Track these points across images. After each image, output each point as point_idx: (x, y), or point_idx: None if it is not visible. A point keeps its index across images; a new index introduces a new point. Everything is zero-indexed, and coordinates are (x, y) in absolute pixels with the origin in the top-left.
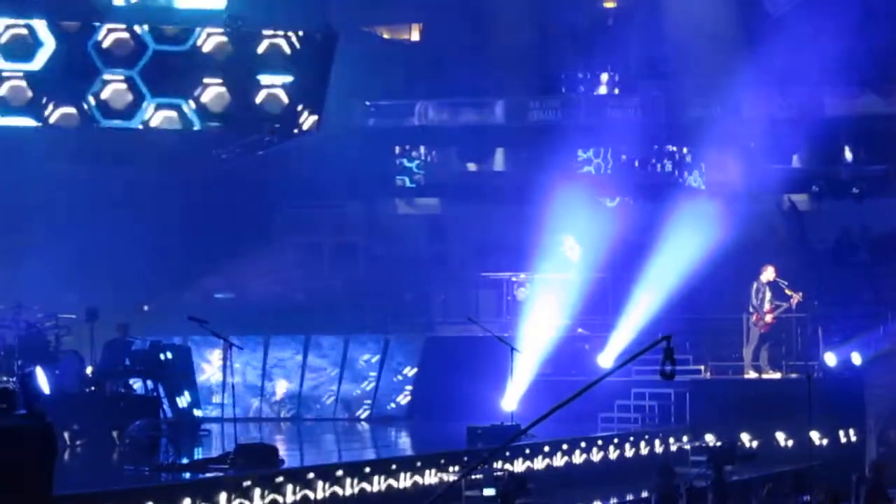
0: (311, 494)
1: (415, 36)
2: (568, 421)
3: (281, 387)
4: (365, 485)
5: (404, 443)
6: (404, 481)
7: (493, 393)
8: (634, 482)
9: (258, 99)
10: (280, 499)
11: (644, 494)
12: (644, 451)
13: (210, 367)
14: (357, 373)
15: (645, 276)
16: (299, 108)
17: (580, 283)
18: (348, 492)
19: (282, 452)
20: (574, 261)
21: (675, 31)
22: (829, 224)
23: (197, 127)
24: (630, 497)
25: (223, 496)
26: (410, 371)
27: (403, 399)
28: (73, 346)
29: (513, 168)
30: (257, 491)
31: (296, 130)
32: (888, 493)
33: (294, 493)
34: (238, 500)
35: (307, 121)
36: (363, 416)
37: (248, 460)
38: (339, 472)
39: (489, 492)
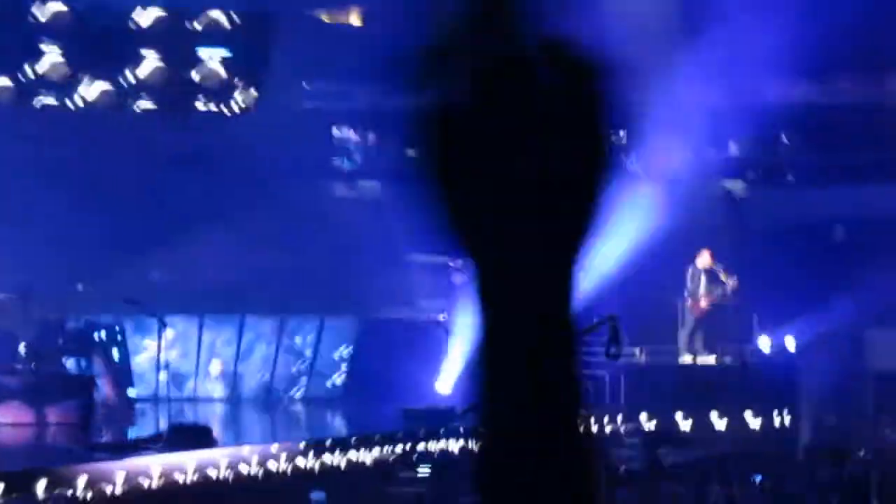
0: (244, 469)
1: (356, 20)
2: None
3: (215, 367)
4: (299, 460)
5: (339, 423)
6: (338, 460)
7: (429, 375)
8: None
9: (195, 74)
10: (213, 473)
11: None
12: None
13: (145, 347)
14: (292, 354)
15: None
16: (236, 81)
17: None
18: (282, 467)
19: (216, 432)
20: None
21: (613, 16)
22: (764, 211)
23: (133, 102)
24: None
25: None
26: (346, 352)
27: (339, 380)
28: (6, 326)
29: None
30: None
31: (234, 107)
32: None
33: (227, 468)
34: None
35: (245, 96)
36: (298, 397)
37: (182, 440)
38: (273, 450)
39: (424, 471)
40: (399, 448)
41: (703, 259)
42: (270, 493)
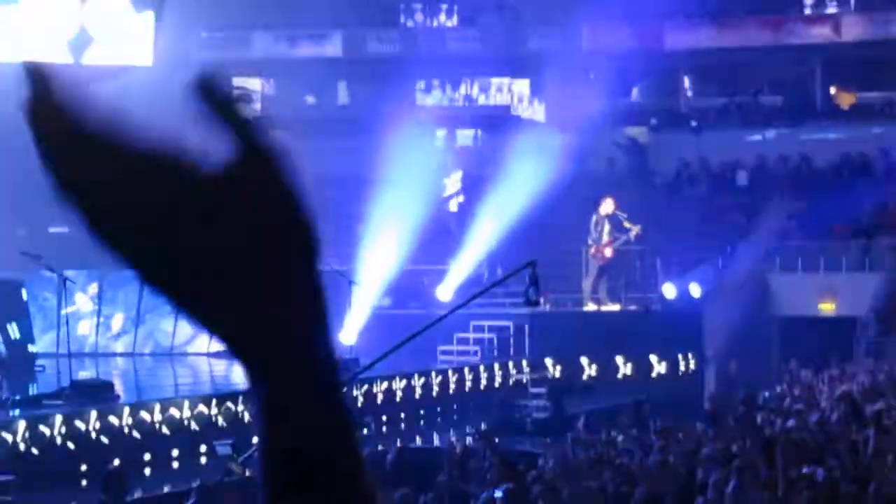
0: (147, 416)
1: None
2: (406, 354)
3: (117, 322)
4: (202, 408)
5: (241, 376)
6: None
7: (332, 326)
8: (474, 415)
9: (91, 25)
10: (115, 420)
11: (483, 427)
12: (483, 384)
13: (44, 302)
14: None
15: (485, 209)
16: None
17: (419, 216)
18: (185, 413)
19: (118, 387)
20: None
21: None
22: (667, 157)
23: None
24: (469, 429)
25: (58, 418)
26: None
27: None
28: None
29: (354, 102)
30: (93, 413)
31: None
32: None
33: (130, 415)
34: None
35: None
36: (202, 351)
37: (84, 396)
38: (177, 403)
39: None
40: None
41: (607, 206)
42: (174, 446)
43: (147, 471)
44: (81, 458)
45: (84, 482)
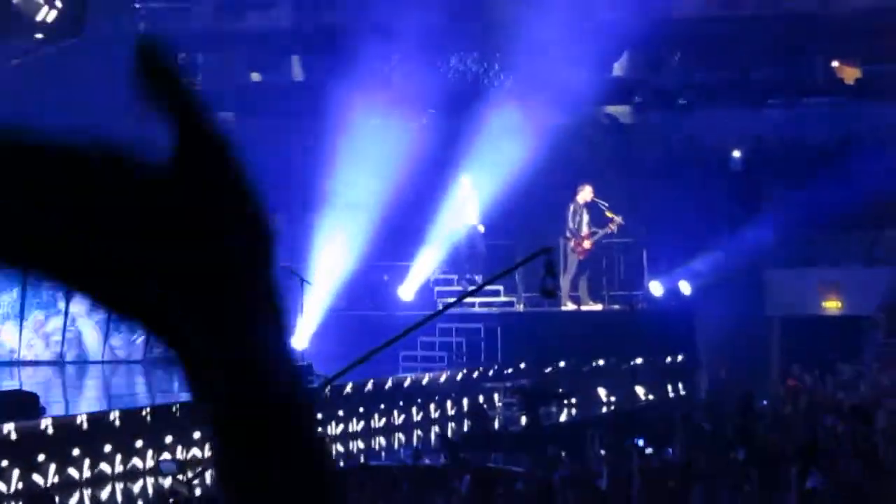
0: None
1: None
2: (365, 361)
3: (42, 328)
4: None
5: (179, 387)
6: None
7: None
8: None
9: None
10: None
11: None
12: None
13: None
14: None
15: (448, 199)
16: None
17: (378, 206)
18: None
19: (43, 399)
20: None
21: None
22: (653, 139)
23: None
24: (434, 443)
25: None
26: None
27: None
28: None
29: (306, 79)
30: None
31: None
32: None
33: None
34: None
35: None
36: (133, 359)
37: (5, 409)
38: (113, 417)
39: None
40: None
41: (585, 193)
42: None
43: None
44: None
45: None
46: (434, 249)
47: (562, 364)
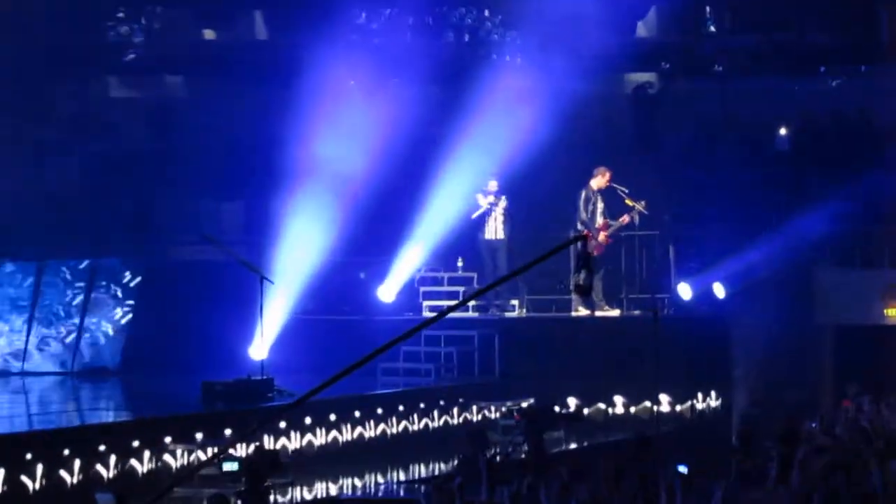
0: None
1: None
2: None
3: None
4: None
5: (118, 403)
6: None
7: (238, 336)
8: (431, 453)
9: None
10: None
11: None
12: (438, 415)
13: None
14: (53, 311)
15: (436, 184)
16: None
17: (354, 191)
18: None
19: None
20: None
21: None
22: (683, 113)
23: None
24: (422, 473)
25: None
26: (126, 308)
27: (117, 345)
28: None
29: (270, 37)
30: None
31: None
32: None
33: None
34: None
35: None
36: (63, 371)
37: None
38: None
39: (229, 466)
40: (199, 436)
41: (601, 178)
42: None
43: None
44: None
45: None
46: (420, 243)
47: (571, 380)
